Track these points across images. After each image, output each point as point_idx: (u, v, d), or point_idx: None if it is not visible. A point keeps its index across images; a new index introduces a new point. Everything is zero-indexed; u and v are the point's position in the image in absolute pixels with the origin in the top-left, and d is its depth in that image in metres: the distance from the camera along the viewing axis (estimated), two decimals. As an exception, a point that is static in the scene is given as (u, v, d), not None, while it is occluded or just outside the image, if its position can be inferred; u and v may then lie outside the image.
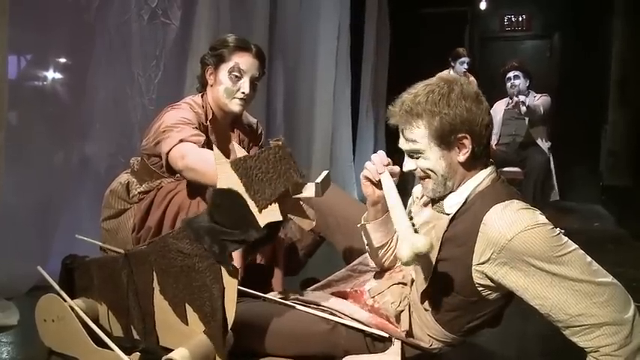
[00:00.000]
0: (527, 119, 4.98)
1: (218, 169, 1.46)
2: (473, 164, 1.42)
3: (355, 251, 1.89)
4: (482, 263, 1.33)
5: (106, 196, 2.17)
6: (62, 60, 2.72)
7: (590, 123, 6.63)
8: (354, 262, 1.80)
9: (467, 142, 1.38)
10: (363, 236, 1.67)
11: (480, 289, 1.38)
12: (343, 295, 1.71)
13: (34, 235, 2.45)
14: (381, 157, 1.53)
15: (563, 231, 1.33)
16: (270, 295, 1.82)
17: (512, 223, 1.28)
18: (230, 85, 2.07)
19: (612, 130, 6.20)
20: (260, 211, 1.40)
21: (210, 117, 2.12)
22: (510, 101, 5.08)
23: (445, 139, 1.38)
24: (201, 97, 2.15)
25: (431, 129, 1.37)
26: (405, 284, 1.59)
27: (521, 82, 4.94)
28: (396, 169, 1.53)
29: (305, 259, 2.26)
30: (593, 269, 1.28)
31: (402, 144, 1.46)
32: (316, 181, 1.44)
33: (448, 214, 1.43)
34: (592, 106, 6.57)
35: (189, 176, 1.87)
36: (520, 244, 1.27)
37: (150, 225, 1.99)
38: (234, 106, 2.10)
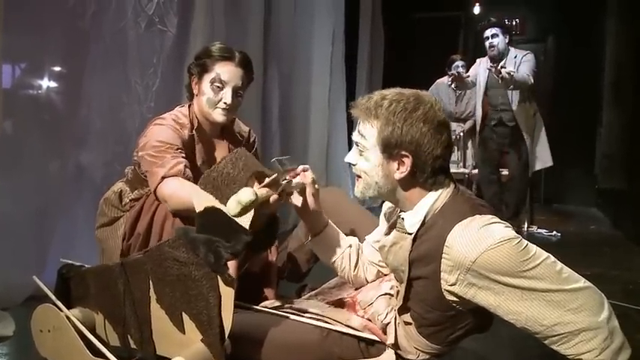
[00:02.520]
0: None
1: (194, 200, 1.54)
2: (414, 184, 1.40)
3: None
4: (451, 285, 1.32)
5: (100, 204, 2.17)
6: (58, 68, 2.71)
7: (584, 125, 6.67)
8: None
9: (407, 161, 1.36)
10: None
11: (455, 304, 1.36)
12: (337, 304, 1.73)
13: (30, 243, 2.44)
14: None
15: (555, 235, 1.32)
16: (263, 305, 1.83)
17: (475, 242, 1.26)
18: (212, 95, 2.05)
19: (607, 133, 6.24)
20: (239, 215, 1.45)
21: (195, 126, 2.11)
22: (492, 67, 4.57)
23: (389, 149, 1.37)
24: (189, 106, 2.15)
25: (380, 134, 1.37)
26: (392, 295, 1.60)
27: (500, 41, 4.58)
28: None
29: (310, 265, 2.26)
30: (564, 277, 1.25)
31: (354, 135, 1.46)
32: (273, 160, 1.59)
33: (410, 234, 1.43)
34: (586, 108, 6.62)
35: (180, 214, 1.87)
36: (485, 264, 1.24)
37: (139, 231, 1.98)
38: (218, 116, 2.08)
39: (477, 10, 7.16)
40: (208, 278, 1.45)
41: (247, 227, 1.42)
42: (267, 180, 1.50)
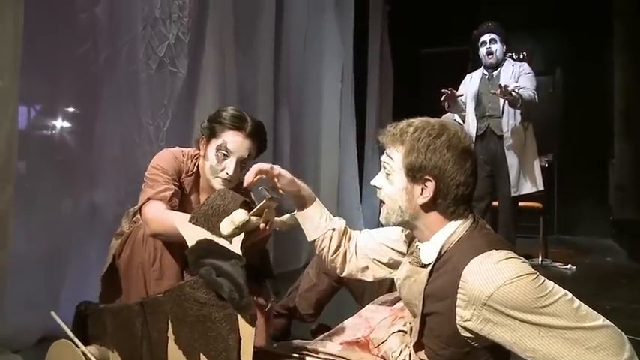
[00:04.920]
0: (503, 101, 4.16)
1: (182, 231, 1.59)
2: (435, 211, 1.41)
3: (369, 297, 1.88)
4: (466, 321, 1.30)
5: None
6: (71, 109, 2.76)
7: (596, 157, 6.64)
8: (363, 309, 1.80)
9: (430, 185, 1.38)
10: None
11: (470, 341, 1.34)
12: (351, 344, 1.71)
13: (42, 284, 2.44)
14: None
15: (570, 268, 1.30)
16: (279, 344, 1.81)
17: (491, 277, 1.25)
18: (215, 163, 1.99)
19: (619, 164, 6.21)
20: (231, 242, 1.51)
21: (192, 172, 2.09)
22: (485, 73, 4.33)
23: (413, 172, 1.39)
24: (196, 156, 2.12)
25: (405, 159, 1.40)
26: (406, 332, 1.58)
27: (498, 48, 4.28)
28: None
29: (321, 305, 2.24)
30: (582, 314, 1.23)
31: (383, 157, 1.49)
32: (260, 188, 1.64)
33: (425, 266, 1.43)
34: (597, 140, 6.60)
35: (158, 238, 1.88)
36: (501, 299, 1.23)
37: (124, 254, 1.97)
38: (217, 185, 2.02)
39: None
40: (229, 320, 1.44)
41: (241, 253, 1.48)
42: (258, 206, 1.58)
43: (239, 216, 1.51)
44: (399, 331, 1.60)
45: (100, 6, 2.64)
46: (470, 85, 4.42)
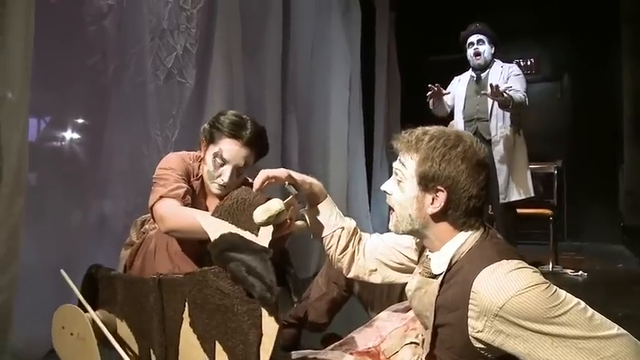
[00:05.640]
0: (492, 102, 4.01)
1: (204, 225, 1.55)
2: (445, 221, 1.40)
3: (379, 306, 1.88)
4: (478, 332, 1.28)
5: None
6: (80, 121, 2.78)
7: (606, 162, 6.61)
8: (373, 319, 1.79)
9: (442, 195, 1.37)
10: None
11: (483, 352, 1.32)
12: (362, 354, 1.70)
13: (51, 295, 2.44)
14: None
15: (581, 275, 1.28)
16: (287, 356, 1.81)
17: (502, 288, 1.23)
18: (212, 169, 2.00)
19: (629, 169, 6.16)
20: (257, 235, 1.48)
21: (199, 176, 2.09)
22: (473, 75, 4.22)
23: (425, 181, 1.38)
24: (200, 159, 2.11)
25: (418, 167, 1.39)
26: (418, 344, 1.57)
27: (486, 49, 4.18)
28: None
29: (331, 314, 2.23)
30: (596, 323, 1.21)
31: (395, 163, 1.48)
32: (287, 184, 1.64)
33: (436, 277, 1.42)
34: (607, 145, 6.57)
35: (172, 235, 1.87)
36: (513, 310, 1.21)
37: (131, 273, 1.97)
38: (214, 189, 2.03)
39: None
40: (252, 315, 1.40)
41: (268, 245, 1.44)
42: (289, 198, 1.56)
43: (275, 204, 1.49)
44: (411, 343, 1.59)
45: (109, 18, 2.66)
46: (458, 87, 4.33)
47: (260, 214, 1.48)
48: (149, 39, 2.92)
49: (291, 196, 1.57)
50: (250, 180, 2.15)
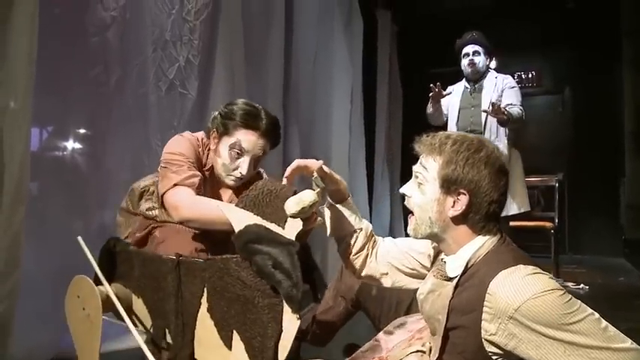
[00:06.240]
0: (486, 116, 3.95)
1: (228, 216, 1.50)
2: (465, 225, 1.40)
3: (386, 320, 1.87)
4: (491, 335, 1.28)
5: (129, 189, 2.11)
6: (82, 131, 2.79)
7: (607, 176, 6.61)
8: (381, 332, 1.79)
9: (464, 199, 1.37)
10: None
11: (495, 357, 1.32)
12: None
13: (53, 304, 2.44)
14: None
15: (583, 288, 1.28)
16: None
17: (518, 291, 1.23)
18: (228, 162, 1.94)
19: (630, 183, 6.16)
20: (284, 228, 1.43)
21: (209, 167, 2.02)
22: (467, 86, 4.16)
23: (447, 184, 1.38)
24: (209, 147, 2.04)
25: (441, 170, 1.39)
26: (424, 352, 1.56)
27: (481, 60, 4.11)
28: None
29: (335, 329, 2.22)
30: (610, 335, 1.21)
31: (416, 167, 1.47)
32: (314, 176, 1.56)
33: (451, 280, 1.41)
34: (608, 158, 6.58)
35: (187, 224, 1.82)
36: (527, 313, 1.21)
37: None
38: (229, 181, 1.98)
39: (492, 64, 7.23)
40: (272, 309, 1.37)
41: (294, 238, 1.39)
42: (316, 190, 1.49)
43: (309, 195, 1.43)
44: (417, 351, 1.58)
45: (112, 29, 2.68)
46: (452, 97, 4.26)
47: (293, 204, 1.42)
48: (151, 50, 2.94)
49: (318, 189, 1.52)
50: (261, 170, 2.11)
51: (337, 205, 1.71)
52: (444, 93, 4.07)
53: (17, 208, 2.04)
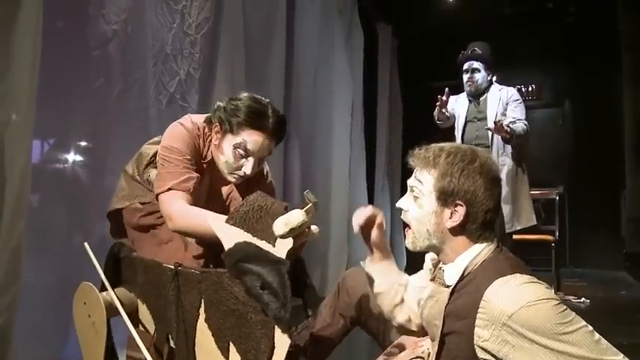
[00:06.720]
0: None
1: (217, 232, 1.50)
2: (462, 235, 1.42)
3: (389, 336, 1.87)
4: (484, 341, 1.28)
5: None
6: (83, 144, 2.80)
7: (608, 189, 6.60)
8: (388, 349, 1.78)
9: (461, 210, 1.38)
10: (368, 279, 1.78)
11: None
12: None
13: (52, 318, 2.44)
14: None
15: (584, 302, 1.28)
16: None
17: (513, 298, 1.23)
18: (232, 160, 1.84)
19: (631, 196, 6.15)
20: (274, 245, 1.42)
21: (209, 160, 1.94)
22: (471, 99, 4.10)
23: (444, 196, 1.39)
24: (210, 138, 1.93)
25: (437, 183, 1.40)
26: (423, 358, 1.56)
27: (480, 77, 4.00)
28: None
29: (332, 346, 2.20)
30: (602, 348, 1.21)
31: (411, 180, 1.49)
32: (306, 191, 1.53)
33: (448, 287, 1.42)
34: (609, 171, 6.57)
35: (178, 232, 1.79)
36: (521, 320, 1.21)
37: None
38: (232, 179, 1.90)
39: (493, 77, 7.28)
40: (264, 325, 1.37)
41: (285, 257, 1.39)
42: (308, 206, 1.46)
43: (297, 217, 1.40)
44: (416, 357, 1.58)
45: (113, 43, 2.70)
46: (457, 107, 4.19)
47: (281, 226, 1.39)
48: (152, 64, 2.96)
49: (310, 204, 1.49)
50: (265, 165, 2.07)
51: (382, 262, 1.77)
52: (444, 98, 3.99)
53: (17, 221, 2.04)
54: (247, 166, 1.85)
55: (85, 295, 1.78)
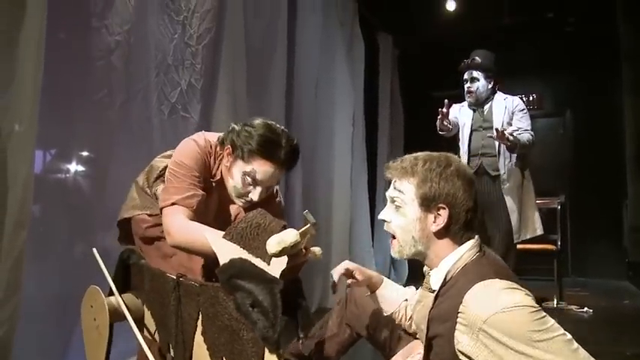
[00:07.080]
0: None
1: (214, 247, 1.53)
2: (447, 237, 1.45)
3: (396, 348, 1.88)
4: (464, 345, 1.29)
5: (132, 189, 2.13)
6: (85, 154, 2.80)
7: (609, 198, 6.60)
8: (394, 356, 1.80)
9: (444, 213, 1.43)
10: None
11: None
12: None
13: (53, 328, 2.43)
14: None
15: (587, 311, 1.28)
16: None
17: (489, 303, 1.25)
18: (240, 186, 1.85)
19: (633, 205, 6.15)
20: (269, 264, 1.42)
21: (218, 179, 1.96)
22: (475, 108, 4.06)
23: (427, 202, 1.44)
24: (221, 157, 1.94)
25: (418, 190, 1.45)
26: None
27: (480, 87, 3.97)
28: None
29: (339, 355, 2.19)
30: (580, 357, 1.21)
31: (390, 192, 1.54)
32: (305, 211, 1.54)
33: (434, 292, 1.45)
34: (610, 180, 6.57)
35: (177, 248, 1.81)
36: (496, 325, 1.22)
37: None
38: (238, 202, 1.92)
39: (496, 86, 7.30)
40: (256, 343, 1.36)
41: (279, 276, 1.38)
42: (306, 227, 1.46)
43: (290, 236, 1.40)
44: None
45: (116, 54, 2.71)
46: (461, 116, 4.15)
47: (274, 244, 1.39)
48: (154, 74, 2.97)
49: (308, 225, 1.48)
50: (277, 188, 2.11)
51: (379, 291, 1.88)
52: (445, 110, 3.92)
53: (19, 232, 2.04)
54: (254, 194, 1.87)
55: (92, 299, 1.82)
